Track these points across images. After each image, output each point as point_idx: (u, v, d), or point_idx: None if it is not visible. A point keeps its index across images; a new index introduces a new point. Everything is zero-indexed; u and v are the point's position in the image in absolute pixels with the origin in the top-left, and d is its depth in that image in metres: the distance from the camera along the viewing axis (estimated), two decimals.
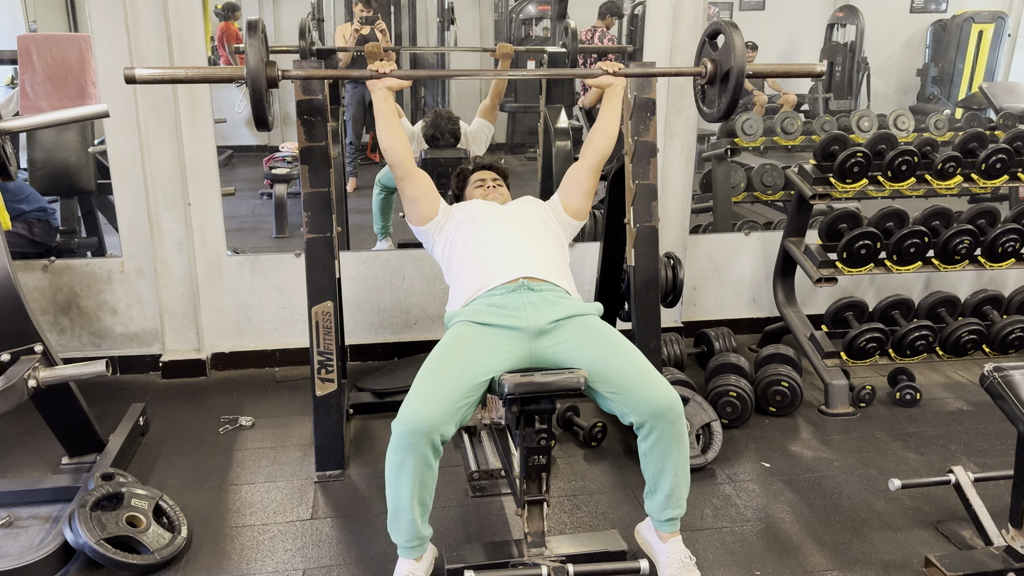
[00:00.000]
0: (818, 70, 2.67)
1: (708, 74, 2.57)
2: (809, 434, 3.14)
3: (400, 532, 2.11)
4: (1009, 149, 3.40)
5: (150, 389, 3.47)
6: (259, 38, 2.19)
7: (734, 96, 2.47)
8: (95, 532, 2.21)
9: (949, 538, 2.47)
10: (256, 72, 2.19)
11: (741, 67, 2.42)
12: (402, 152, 2.54)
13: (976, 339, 3.45)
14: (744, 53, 2.43)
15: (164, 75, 2.34)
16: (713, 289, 4.08)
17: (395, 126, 2.54)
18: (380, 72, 2.49)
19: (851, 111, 6.14)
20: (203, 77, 2.44)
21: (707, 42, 2.60)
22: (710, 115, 2.63)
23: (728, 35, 2.46)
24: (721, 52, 2.51)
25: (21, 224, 3.59)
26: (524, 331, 2.24)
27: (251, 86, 2.19)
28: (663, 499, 2.18)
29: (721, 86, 2.53)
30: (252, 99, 2.20)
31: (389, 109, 2.53)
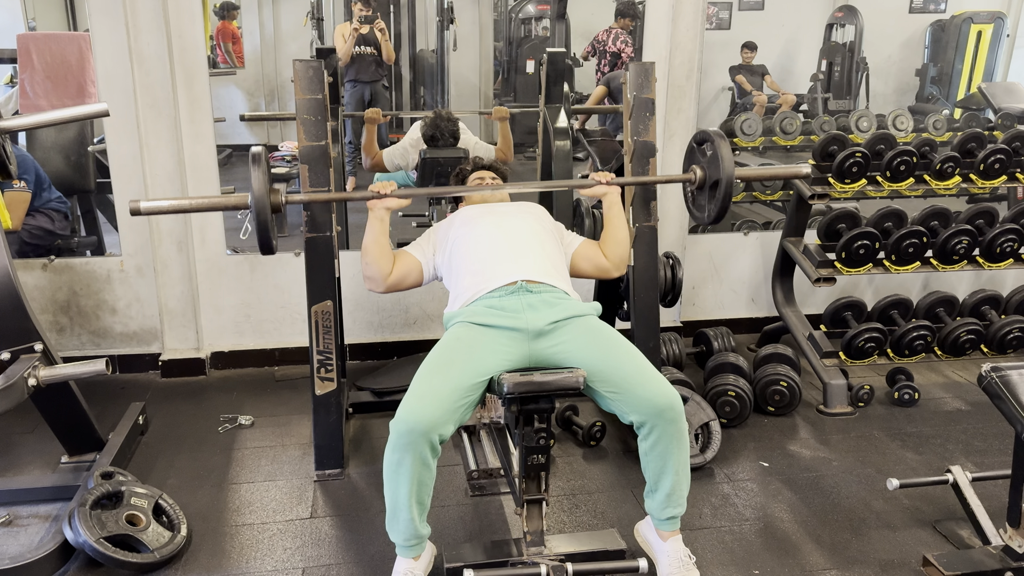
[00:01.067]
0: (803, 172, 2.71)
1: (697, 181, 2.60)
2: (808, 433, 3.14)
3: (398, 531, 2.11)
4: (1008, 149, 3.41)
5: (149, 388, 3.47)
6: (263, 168, 2.21)
7: (723, 205, 2.51)
8: (95, 531, 2.21)
9: (947, 537, 2.48)
10: (261, 200, 2.21)
11: (729, 178, 2.46)
12: (384, 270, 2.52)
13: (974, 339, 3.46)
14: (732, 163, 2.46)
15: (170, 207, 2.34)
16: (712, 289, 4.08)
17: (384, 245, 2.52)
18: (381, 193, 2.48)
19: (850, 111, 6.15)
20: (209, 206, 2.44)
21: (696, 148, 2.63)
22: (700, 219, 2.66)
23: (716, 146, 2.48)
24: (709, 161, 2.54)
25: (44, 215, 3.61)
26: (523, 332, 2.25)
27: (256, 215, 2.22)
28: (664, 498, 2.19)
29: (710, 193, 2.56)
30: (258, 227, 2.24)
31: (383, 229, 2.51)
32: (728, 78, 7.14)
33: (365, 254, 2.51)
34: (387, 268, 2.52)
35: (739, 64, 7.09)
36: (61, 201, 3.72)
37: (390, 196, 2.48)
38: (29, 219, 3.56)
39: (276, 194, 2.29)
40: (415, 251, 2.61)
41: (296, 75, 2.66)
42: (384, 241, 2.52)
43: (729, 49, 7.10)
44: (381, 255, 2.51)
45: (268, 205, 2.23)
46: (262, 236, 2.26)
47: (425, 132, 3.95)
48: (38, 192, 3.61)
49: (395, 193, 2.49)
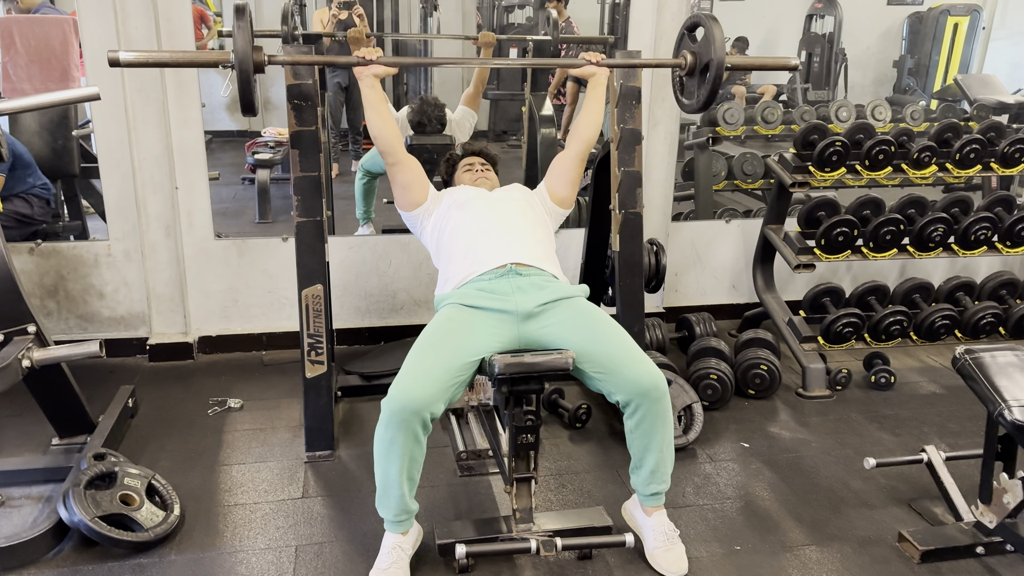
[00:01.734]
0: (793, 63, 2.71)
1: (688, 66, 2.60)
2: (787, 416, 3.22)
3: (388, 507, 2.16)
4: (982, 140, 3.49)
5: (138, 372, 3.48)
6: (247, 22, 2.19)
7: (713, 88, 2.50)
8: (90, 510, 2.24)
9: (922, 514, 2.56)
10: (244, 57, 2.19)
11: (721, 59, 2.46)
12: (392, 138, 2.57)
13: (949, 324, 3.55)
14: (724, 45, 2.46)
15: (149, 58, 2.31)
16: (694, 275, 4.15)
17: (384, 113, 2.56)
18: (367, 59, 2.48)
19: (829, 101, 6.24)
20: (189, 61, 2.42)
21: (686, 34, 2.64)
22: (689, 106, 2.67)
23: (708, 27, 2.49)
24: (701, 44, 2.54)
25: (23, 200, 3.60)
26: (513, 314, 2.30)
27: (239, 71, 2.19)
28: (648, 474, 2.25)
29: (700, 78, 2.56)
30: (240, 84, 2.20)
31: (378, 96, 2.54)
32: None
33: (371, 128, 2.56)
34: (395, 133, 2.58)
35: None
36: (45, 188, 3.70)
37: (376, 62, 2.49)
38: (6, 203, 3.54)
39: (259, 52, 2.27)
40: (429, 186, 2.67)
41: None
42: (383, 108, 2.56)
43: None
44: (384, 124, 2.55)
45: (251, 62, 2.20)
46: (244, 94, 2.24)
47: (411, 119, 3.97)
48: (22, 177, 3.60)
49: (381, 59, 2.50)
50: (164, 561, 2.26)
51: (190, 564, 2.26)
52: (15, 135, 3.88)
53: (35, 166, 3.67)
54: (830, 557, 2.34)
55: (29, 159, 3.65)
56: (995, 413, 2.17)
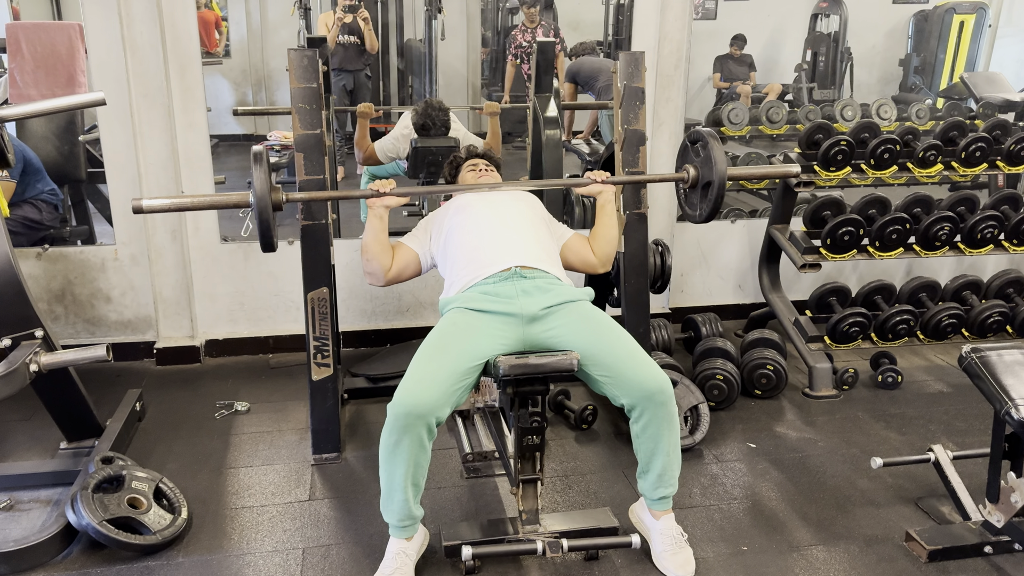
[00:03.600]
0: (794, 171, 2.74)
1: (690, 180, 2.63)
2: (794, 416, 3.22)
3: (392, 512, 2.16)
4: (988, 138, 3.48)
5: (145, 376, 3.50)
6: (264, 167, 2.24)
7: (715, 206, 2.54)
8: (98, 513, 2.25)
9: (929, 514, 2.55)
10: (263, 199, 2.24)
11: (722, 179, 2.48)
12: (384, 266, 2.58)
13: (956, 323, 3.54)
14: (725, 164, 2.49)
15: (171, 205, 2.34)
16: (700, 276, 4.15)
17: (384, 242, 2.57)
18: (380, 191, 2.51)
19: (834, 100, 6.23)
20: (210, 204, 2.44)
21: (689, 147, 2.66)
22: (692, 218, 2.70)
23: (708, 146, 2.51)
24: (703, 162, 2.57)
25: (32, 206, 3.62)
26: (518, 317, 2.30)
27: (259, 213, 2.24)
28: (655, 478, 2.25)
29: (703, 193, 2.59)
30: (260, 225, 2.25)
31: (382, 227, 2.55)
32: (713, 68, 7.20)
33: (365, 251, 2.55)
34: (387, 263, 2.58)
35: (726, 54, 7.14)
36: (53, 193, 3.72)
37: (389, 194, 2.51)
38: (15, 209, 3.56)
39: (277, 192, 2.32)
40: (412, 243, 2.66)
41: (291, 64, 2.69)
42: (384, 238, 2.56)
43: (715, 39, 7.15)
44: (381, 252, 2.56)
45: (270, 204, 2.25)
46: (264, 235, 2.28)
47: (416, 121, 3.98)
48: (31, 183, 3.62)
49: (394, 191, 2.52)
50: (172, 564, 2.27)
51: (198, 567, 2.27)
52: (23, 140, 3.90)
53: (44, 172, 3.70)
54: (837, 557, 2.34)
55: (38, 165, 3.67)
56: (1002, 412, 2.16)
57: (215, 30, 6.83)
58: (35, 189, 3.62)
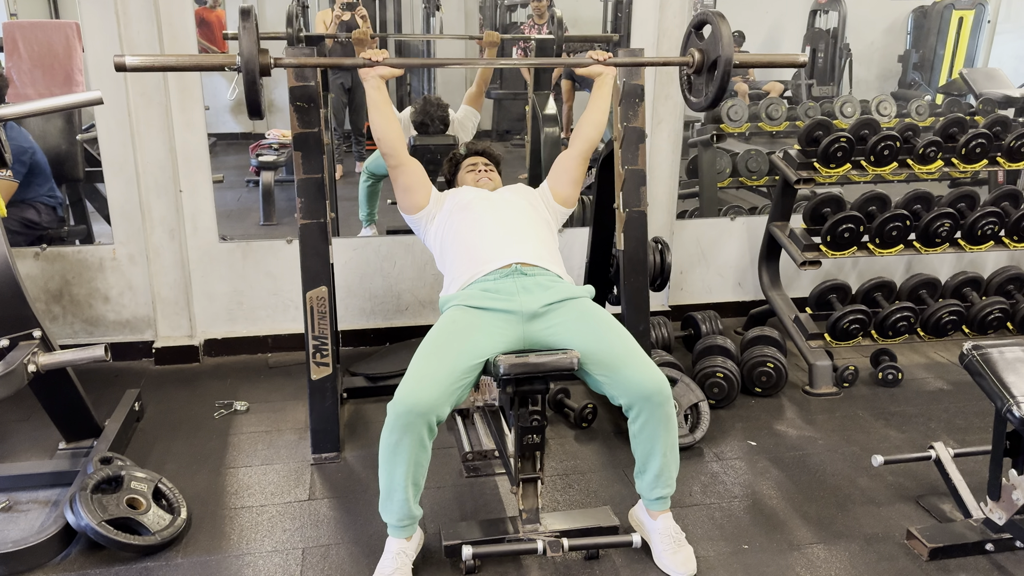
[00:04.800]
0: (800, 60, 2.69)
1: (695, 64, 2.58)
2: (794, 413, 3.21)
3: (392, 511, 2.16)
4: (988, 134, 3.47)
5: (143, 375, 3.49)
6: (252, 24, 2.20)
7: (721, 85, 2.48)
8: (96, 514, 2.24)
9: (930, 511, 2.55)
10: (250, 59, 2.19)
11: (729, 56, 2.43)
12: (396, 141, 2.56)
13: (956, 320, 3.53)
14: (731, 42, 2.44)
15: (154, 63, 2.31)
16: (700, 273, 4.14)
17: (389, 114, 2.55)
18: (372, 60, 2.47)
19: (834, 97, 6.21)
20: (195, 64, 2.41)
21: (693, 32, 2.63)
22: (697, 104, 2.65)
23: (715, 25, 2.47)
24: (708, 42, 2.53)
25: (32, 207, 3.61)
26: (518, 315, 2.29)
27: (245, 73, 2.19)
28: (652, 478, 2.24)
29: (708, 75, 2.55)
30: (246, 86, 2.20)
31: (382, 97, 2.53)
32: None
33: (375, 130, 2.54)
34: (399, 136, 2.56)
35: None
36: (51, 195, 3.71)
37: (382, 63, 2.48)
38: (15, 209, 3.55)
39: (265, 55, 2.26)
40: (432, 189, 2.67)
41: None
42: (387, 110, 2.55)
43: None
44: (388, 125, 2.54)
45: (258, 65, 2.20)
46: (251, 97, 2.23)
47: (415, 119, 3.97)
48: (34, 184, 3.61)
49: (387, 60, 2.49)
50: (171, 564, 2.26)
51: (197, 567, 2.26)
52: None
53: (50, 176, 3.69)
54: (837, 555, 2.33)
55: (46, 168, 3.67)
56: (1003, 409, 2.15)
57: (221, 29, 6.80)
58: (37, 191, 3.61)
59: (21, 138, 3.54)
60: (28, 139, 3.58)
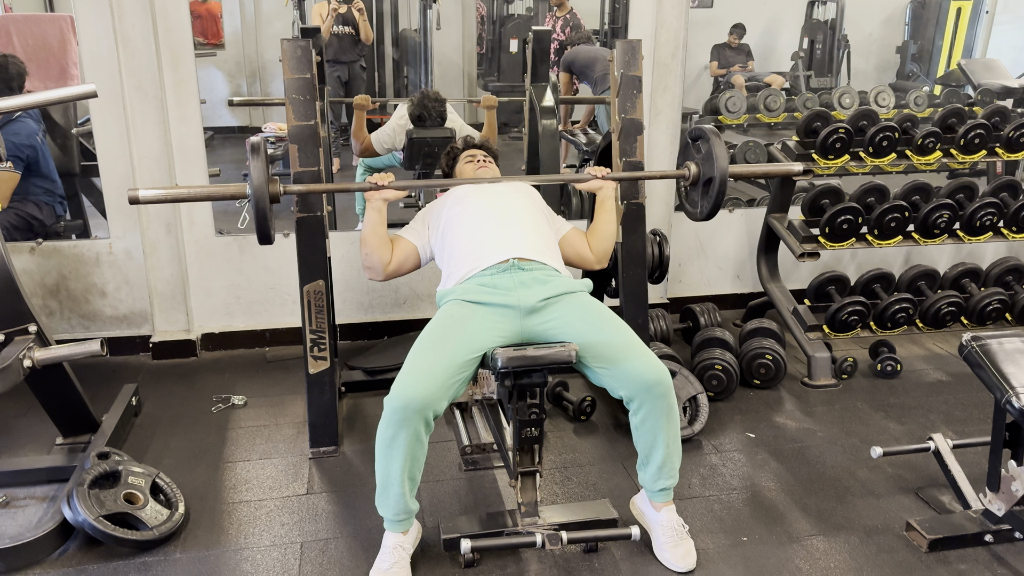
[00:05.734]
0: (796, 169, 2.72)
1: (691, 177, 2.60)
2: (793, 405, 3.21)
3: (388, 506, 2.15)
4: (987, 124, 3.46)
5: (141, 370, 3.48)
6: (261, 159, 2.21)
7: (716, 202, 2.52)
8: (94, 509, 2.23)
9: (929, 503, 2.55)
10: (260, 191, 2.21)
11: (723, 174, 2.46)
12: (381, 260, 2.55)
13: (955, 311, 3.53)
14: (726, 160, 2.46)
15: (167, 195, 2.31)
16: (698, 265, 4.13)
17: (383, 235, 2.54)
18: (378, 184, 2.48)
19: (832, 88, 6.20)
20: (206, 195, 2.41)
21: (690, 143, 2.64)
22: (693, 215, 2.68)
23: (710, 143, 2.49)
24: (704, 158, 2.54)
25: (35, 204, 3.61)
26: (516, 309, 2.28)
27: (256, 205, 2.21)
28: (656, 470, 2.24)
29: (704, 189, 2.57)
30: (256, 217, 2.22)
31: (380, 220, 2.52)
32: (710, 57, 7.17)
33: (364, 245, 2.53)
34: (386, 257, 2.55)
35: (723, 43, 7.11)
36: (50, 192, 3.70)
37: (388, 187, 2.49)
38: (20, 204, 3.54)
39: (274, 184, 2.29)
40: (410, 235, 2.64)
41: (284, 55, 2.66)
42: (382, 232, 2.54)
43: (712, 28, 7.12)
44: (380, 245, 2.53)
45: (267, 195, 2.22)
46: (261, 226, 2.26)
47: (412, 112, 3.95)
48: (38, 183, 3.60)
49: (392, 184, 2.50)
50: (169, 559, 2.26)
51: (195, 562, 2.25)
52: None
53: (57, 178, 3.69)
54: (837, 547, 2.33)
55: (51, 170, 3.66)
56: (1002, 400, 2.15)
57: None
58: (41, 189, 3.60)
59: (25, 131, 3.52)
60: (31, 134, 3.55)
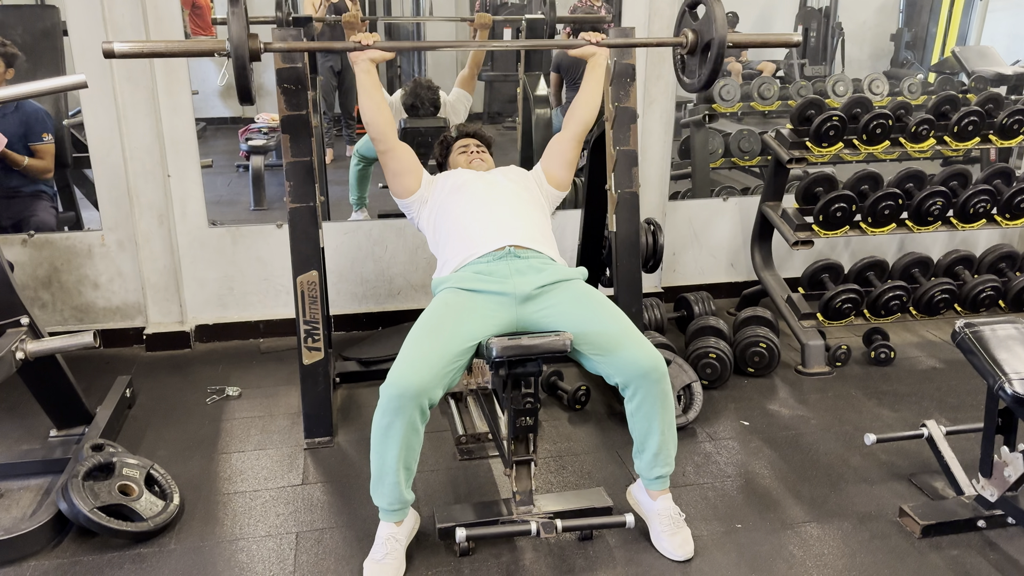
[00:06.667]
0: (794, 40, 2.69)
1: (689, 44, 2.57)
2: (787, 393, 3.21)
3: (383, 495, 2.15)
4: (981, 112, 3.46)
5: (135, 362, 3.47)
6: (241, 9, 2.17)
7: (715, 67, 2.47)
8: (88, 501, 2.23)
9: (922, 489, 2.56)
10: (240, 45, 2.17)
11: (722, 38, 2.42)
12: (385, 125, 2.53)
13: (948, 299, 3.54)
14: (725, 23, 2.43)
15: (143, 49, 2.28)
16: (692, 254, 4.13)
17: (379, 99, 2.52)
18: (363, 44, 2.45)
19: (826, 76, 6.18)
20: (184, 51, 2.39)
21: (687, 11, 2.61)
22: (691, 85, 2.64)
23: (709, 5, 2.46)
24: (702, 23, 2.51)
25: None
26: (511, 297, 2.28)
27: (235, 59, 2.17)
28: (651, 457, 2.24)
29: (702, 56, 2.53)
30: (236, 72, 2.18)
31: (372, 82, 2.51)
32: None
33: (364, 114, 2.52)
34: (388, 121, 2.53)
35: None
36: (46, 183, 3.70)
37: (373, 47, 2.46)
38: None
39: (254, 39, 2.24)
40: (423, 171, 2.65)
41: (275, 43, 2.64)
42: (376, 94, 2.52)
43: None
44: (377, 110, 2.51)
45: (247, 50, 2.18)
46: (241, 83, 2.21)
47: (405, 101, 3.93)
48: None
49: (377, 44, 2.47)
50: (164, 551, 2.26)
51: (190, 553, 2.25)
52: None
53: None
54: (830, 533, 2.34)
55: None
56: (995, 386, 2.15)
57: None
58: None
59: (42, 109, 3.55)
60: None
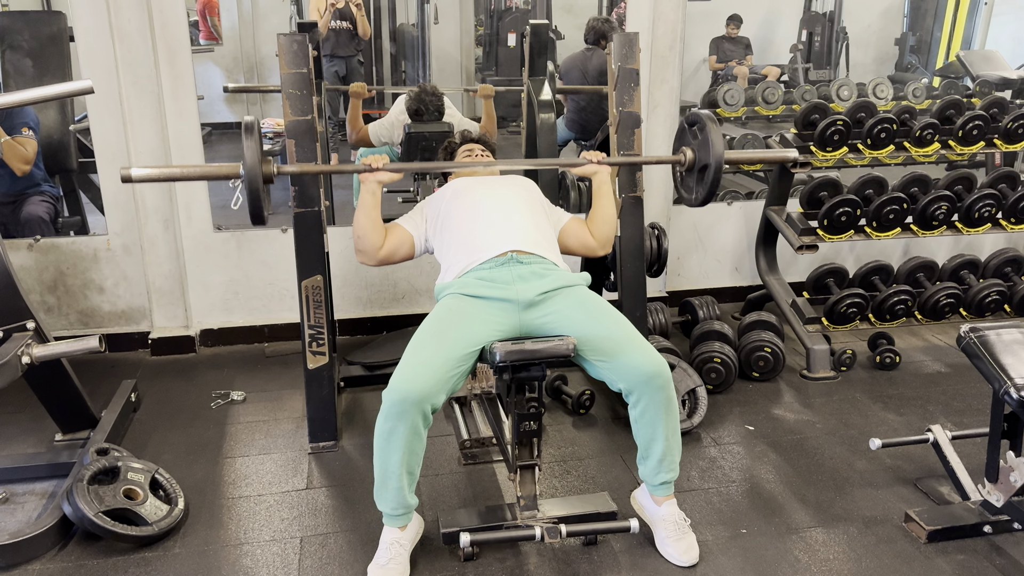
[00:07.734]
0: (791, 156, 2.73)
1: (687, 163, 2.61)
2: (791, 398, 3.21)
3: (386, 500, 2.15)
4: (985, 116, 3.46)
5: (140, 366, 3.48)
6: (255, 138, 2.20)
7: (711, 189, 2.52)
8: (93, 505, 2.23)
9: (928, 494, 2.55)
10: (253, 170, 2.20)
11: (719, 162, 2.46)
12: (375, 243, 2.53)
13: (953, 303, 3.53)
14: (722, 147, 2.46)
15: (161, 174, 2.31)
16: (697, 259, 4.13)
17: (376, 219, 2.53)
18: (372, 167, 2.48)
19: (830, 80, 6.19)
20: (200, 175, 2.42)
21: (687, 129, 2.64)
22: (688, 201, 2.68)
23: (707, 129, 2.49)
24: (700, 145, 2.54)
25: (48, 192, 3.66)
26: (514, 303, 2.28)
27: (248, 184, 2.20)
28: (656, 463, 2.23)
29: (699, 176, 2.57)
30: (250, 197, 2.22)
31: (375, 203, 2.52)
32: (709, 50, 7.16)
33: (356, 227, 2.52)
34: (379, 241, 2.54)
35: (722, 36, 7.10)
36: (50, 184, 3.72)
37: (382, 170, 2.49)
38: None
39: (268, 164, 2.28)
40: (407, 224, 2.63)
41: (281, 49, 2.65)
42: (375, 215, 2.53)
43: (710, 20, 7.11)
44: (372, 228, 2.52)
45: (260, 175, 2.22)
46: (254, 206, 2.25)
47: (410, 107, 3.95)
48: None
49: (387, 167, 2.49)
50: (169, 555, 2.26)
51: (195, 557, 2.26)
52: None
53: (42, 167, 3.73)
54: (836, 538, 2.34)
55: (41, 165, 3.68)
56: (1001, 391, 2.15)
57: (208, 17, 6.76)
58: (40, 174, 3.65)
59: (31, 111, 3.55)
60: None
